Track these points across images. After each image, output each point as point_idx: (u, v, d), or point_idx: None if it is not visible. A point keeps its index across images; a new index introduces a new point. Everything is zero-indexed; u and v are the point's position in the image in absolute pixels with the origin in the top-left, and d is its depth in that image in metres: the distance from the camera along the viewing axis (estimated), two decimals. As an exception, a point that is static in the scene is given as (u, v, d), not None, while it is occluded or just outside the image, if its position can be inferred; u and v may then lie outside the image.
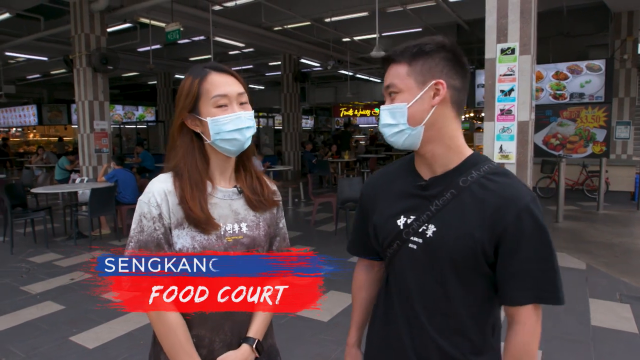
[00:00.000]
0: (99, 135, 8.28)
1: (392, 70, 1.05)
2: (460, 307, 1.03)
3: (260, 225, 1.21)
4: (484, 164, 1.04)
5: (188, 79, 1.14)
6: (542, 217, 0.98)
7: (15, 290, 4.43)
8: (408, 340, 1.08)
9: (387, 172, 1.21)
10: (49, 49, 12.15)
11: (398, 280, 1.11)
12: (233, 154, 1.16)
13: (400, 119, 1.03)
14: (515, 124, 4.16)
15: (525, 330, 0.98)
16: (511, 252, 0.97)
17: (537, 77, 9.74)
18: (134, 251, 1.10)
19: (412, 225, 1.05)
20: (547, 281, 0.98)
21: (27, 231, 6.72)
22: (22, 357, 3.08)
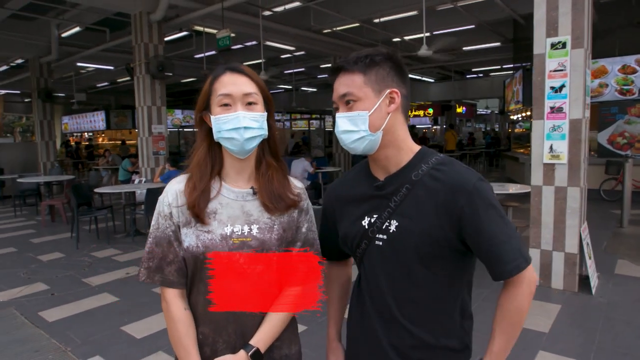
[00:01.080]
0: (156, 138, 8.76)
1: (346, 79, 1.09)
2: (427, 294, 1.09)
3: (275, 228, 1.18)
4: (431, 157, 1.11)
5: (208, 78, 1.18)
6: (490, 194, 1.05)
7: (78, 281, 4.80)
8: (382, 333, 1.13)
9: (345, 181, 1.27)
10: (114, 59, 13.02)
11: (368, 276, 1.17)
12: (237, 153, 1.16)
13: (361, 125, 1.07)
14: (566, 122, 3.93)
15: (518, 293, 1.06)
16: (475, 234, 1.03)
17: (601, 71, 9.12)
18: (152, 246, 1.17)
19: (376, 223, 1.12)
20: (518, 251, 1.04)
21: (92, 228, 7.24)
22: (78, 344, 3.33)
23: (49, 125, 12.86)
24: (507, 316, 1.07)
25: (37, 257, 5.79)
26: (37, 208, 9.25)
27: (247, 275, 1.14)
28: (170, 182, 1.22)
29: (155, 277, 1.15)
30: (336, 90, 1.11)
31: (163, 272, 1.15)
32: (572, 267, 4.02)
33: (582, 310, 3.69)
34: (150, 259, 1.16)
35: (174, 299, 1.16)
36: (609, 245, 5.55)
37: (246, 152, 1.16)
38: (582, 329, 3.34)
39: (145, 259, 1.16)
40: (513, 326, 1.08)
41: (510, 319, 1.07)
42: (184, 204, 1.16)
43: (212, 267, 1.13)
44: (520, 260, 1.03)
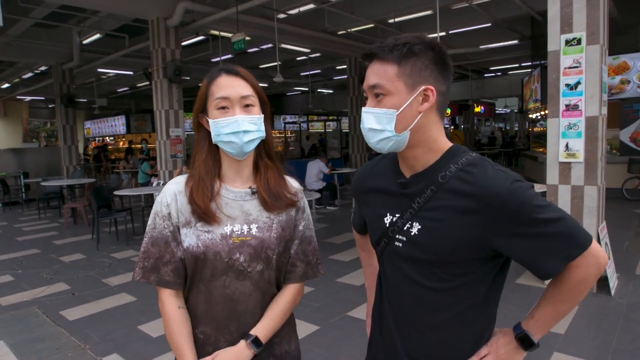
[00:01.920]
0: (174, 141, 8.90)
1: (378, 68, 0.99)
2: (446, 302, 1.02)
3: (274, 227, 1.19)
4: (461, 157, 1.01)
5: (204, 81, 1.18)
6: (528, 193, 0.93)
7: (98, 282, 4.92)
8: (398, 339, 1.09)
9: (372, 169, 1.20)
10: (133, 64, 13.29)
11: (386, 275, 1.13)
12: (236, 156, 1.17)
13: (387, 125, 0.98)
14: (582, 119, 3.87)
15: (578, 272, 0.95)
16: (517, 238, 0.93)
17: (623, 67, 8.91)
18: (148, 245, 1.17)
19: (397, 223, 1.06)
20: (567, 242, 0.93)
21: (112, 230, 7.40)
22: (96, 342, 3.42)
23: (71, 130, 13.20)
24: (561, 290, 0.97)
25: (59, 258, 5.96)
26: (60, 211, 9.51)
27: (247, 274, 1.16)
28: (168, 183, 1.23)
29: (151, 277, 1.15)
30: (367, 78, 1.01)
31: (159, 272, 1.15)
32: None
33: (600, 311, 3.61)
34: (146, 258, 1.16)
35: (168, 297, 1.16)
36: (630, 245, 5.41)
37: (244, 154, 1.17)
38: (599, 330, 3.27)
39: (141, 259, 1.17)
40: (564, 302, 0.99)
41: (562, 294, 0.98)
42: (184, 204, 1.16)
43: (213, 267, 1.15)
44: (578, 248, 0.92)
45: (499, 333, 1.07)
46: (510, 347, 1.03)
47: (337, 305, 3.92)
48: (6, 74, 16.00)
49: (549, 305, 1.00)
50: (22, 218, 9.53)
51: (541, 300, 1.03)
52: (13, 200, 11.17)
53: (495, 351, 1.04)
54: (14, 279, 5.13)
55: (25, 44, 11.25)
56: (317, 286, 4.30)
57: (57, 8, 8.95)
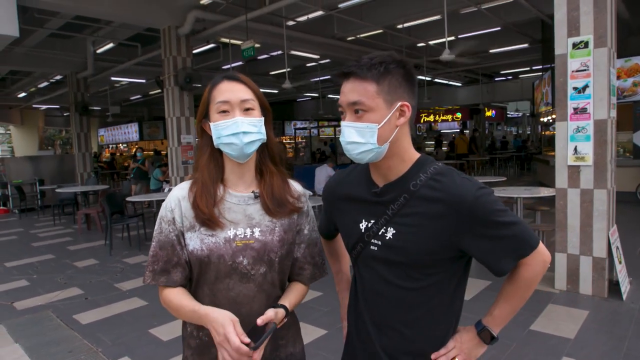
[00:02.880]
0: (185, 148, 9.02)
1: (358, 85, 1.04)
2: (420, 300, 1.11)
3: (276, 230, 1.22)
4: (429, 166, 1.10)
5: (207, 88, 1.22)
6: (491, 199, 1.04)
7: (110, 286, 5.00)
8: (375, 337, 1.15)
9: (344, 179, 1.27)
10: (146, 72, 13.52)
11: (362, 278, 1.19)
12: (236, 158, 1.20)
13: (370, 138, 1.04)
14: (591, 123, 3.85)
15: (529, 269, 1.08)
16: (479, 239, 1.04)
17: (635, 70, 8.81)
18: (156, 249, 1.20)
19: (372, 228, 1.13)
20: (520, 243, 1.05)
21: (124, 235, 7.51)
22: (108, 345, 3.48)
23: (85, 137, 13.44)
24: (514, 287, 1.10)
25: (73, 264, 6.07)
26: (74, 217, 9.68)
27: (251, 277, 1.19)
28: (173, 188, 1.26)
29: (161, 279, 1.18)
30: (345, 95, 1.06)
31: (169, 274, 1.19)
32: (600, 271, 3.91)
33: (611, 316, 3.57)
34: (155, 262, 1.20)
35: (171, 289, 1.19)
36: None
37: (246, 156, 1.19)
38: (609, 336, 3.24)
39: (150, 263, 1.20)
40: (518, 298, 1.12)
41: (517, 291, 1.11)
42: (188, 209, 1.20)
43: (217, 270, 1.17)
44: (527, 249, 1.05)
45: (462, 330, 1.18)
46: (473, 342, 1.15)
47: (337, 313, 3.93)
48: (23, 83, 16.41)
49: (504, 302, 1.13)
50: (38, 224, 9.72)
51: (498, 298, 1.15)
52: (29, 207, 11.40)
53: (460, 345, 1.14)
54: (30, 283, 5.23)
55: (41, 54, 11.53)
56: (325, 290, 4.32)
57: (72, 19, 9.19)
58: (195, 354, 1.24)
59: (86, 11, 7.94)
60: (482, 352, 1.17)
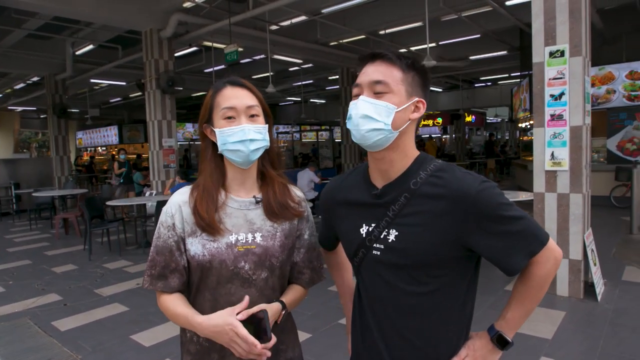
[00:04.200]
0: (166, 151, 8.94)
1: (385, 68, 1.05)
2: (428, 304, 1.06)
3: (277, 235, 1.22)
4: (429, 163, 1.08)
5: (209, 92, 1.22)
6: (496, 193, 1.01)
7: (90, 292, 4.91)
8: (383, 345, 1.11)
9: (342, 183, 1.23)
10: (126, 75, 13.35)
11: (367, 286, 1.15)
12: (241, 164, 1.19)
13: (385, 118, 1.02)
14: (567, 129, 3.97)
15: (540, 268, 1.04)
16: (487, 235, 1.00)
17: (608, 78, 9.10)
18: (154, 254, 1.21)
19: (373, 232, 1.09)
20: (529, 238, 1.01)
21: (104, 240, 7.39)
22: (89, 352, 3.42)
23: (63, 140, 13.18)
24: (527, 288, 1.06)
25: (51, 269, 5.94)
26: (52, 221, 9.46)
27: (252, 282, 1.19)
28: (173, 194, 1.26)
29: (158, 284, 1.18)
30: (368, 75, 1.05)
31: (166, 279, 1.18)
32: (576, 273, 4.02)
33: (586, 316, 3.68)
34: (153, 267, 1.20)
35: (168, 296, 1.20)
36: (618, 252, 5.51)
37: (250, 162, 1.20)
38: (585, 336, 3.34)
39: (148, 267, 1.21)
40: (531, 299, 1.07)
41: (529, 291, 1.06)
42: (188, 214, 1.19)
43: (219, 274, 1.17)
44: (538, 244, 1.02)
45: (474, 336, 1.12)
46: (487, 349, 1.10)
47: (329, 314, 3.95)
48: (-2, 84, 16.00)
49: (517, 304, 1.08)
50: (13, 229, 9.48)
51: (510, 301, 1.10)
52: (4, 212, 11.11)
53: (473, 353, 1.09)
54: (5, 290, 5.10)
55: (18, 55, 11.29)
56: (310, 294, 4.29)
57: (51, 19, 9.02)
58: (195, 359, 1.24)
59: (66, 12, 7.81)
60: (496, 358, 1.11)
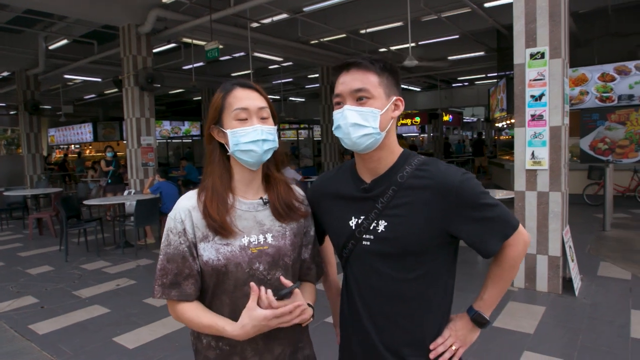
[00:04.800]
0: (145, 149, 8.76)
1: (361, 75, 1.12)
2: (417, 289, 1.15)
3: (287, 235, 1.23)
4: (413, 158, 1.17)
5: (218, 94, 1.22)
6: (476, 183, 1.12)
7: (68, 294, 4.78)
8: (374, 331, 1.17)
9: (329, 178, 1.31)
10: (102, 71, 13.01)
11: (357, 277, 1.20)
12: (251, 165, 1.20)
13: (372, 122, 1.10)
14: (547, 129, 4.07)
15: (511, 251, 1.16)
16: (468, 222, 1.11)
17: (581, 79, 9.38)
18: (164, 263, 1.17)
19: (363, 224, 1.16)
20: (504, 224, 1.13)
21: (81, 240, 7.20)
22: (70, 355, 3.33)
23: (35, 137, 12.76)
24: (500, 269, 1.18)
25: (25, 271, 5.75)
26: (24, 221, 9.16)
27: (267, 282, 1.18)
28: (180, 198, 1.24)
29: (172, 292, 1.16)
30: (347, 84, 1.12)
31: (180, 286, 1.16)
32: (555, 269, 4.14)
33: (566, 311, 3.79)
34: (164, 275, 1.17)
35: (185, 304, 1.18)
36: (592, 248, 5.69)
37: (260, 163, 1.21)
38: (565, 330, 3.44)
39: (159, 276, 1.17)
40: (504, 279, 1.19)
41: (503, 272, 1.18)
42: (199, 219, 1.18)
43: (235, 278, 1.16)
44: (510, 229, 1.13)
45: (455, 318, 1.23)
46: (467, 329, 1.20)
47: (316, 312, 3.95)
48: (-35, 79, 15.38)
49: (492, 285, 1.20)
50: (-17, 230, 9.14)
51: (486, 282, 1.22)
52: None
53: (455, 333, 1.19)
54: (-22, 293, 4.92)
55: (-13, 49, 10.87)
56: (295, 293, 4.32)
57: (23, 12, 8.72)
58: None
59: (38, 5, 7.56)
60: (475, 337, 1.22)
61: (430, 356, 1.16)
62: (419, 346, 1.16)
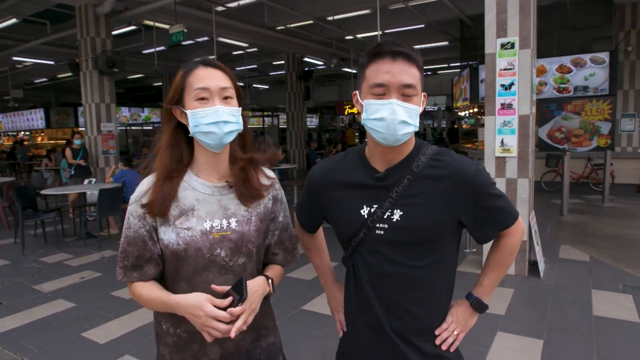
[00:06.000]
0: (106, 137, 8.40)
1: (408, 68, 1.07)
2: (429, 277, 1.16)
3: (252, 220, 1.21)
4: (426, 148, 1.18)
5: (179, 72, 1.17)
6: (487, 174, 1.16)
7: (28, 289, 4.53)
8: (385, 319, 1.17)
9: (336, 166, 1.25)
10: (55, 53, 12.31)
11: (367, 265, 1.18)
12: (213, 147, 1.15)
13: (415, 120, 1.09)
14: (516, 117, 4.19)
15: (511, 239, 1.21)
16: (477, 210, 1.14)
17: (541, 71, 9.71)
18: (125, 245, 1.16)
19: (376, 213, 1.15)
20: (508, 213, 1.18)
21: (38, 232, 6.84)
22: (36, 353, 3.17)
23: (-18, 124, 11.97)
24: (500, 256, 1.23)
25: (-22, 265, 5.41)
26: (-27, 213, 8.60)
27: (230, 268, 1.16)
28: (141, 182, 1.20)
29: (133, 274, 1.15)
30: (395, 75, 1.05)
31: (142, 269, 1.15)
32: (522, 253, 4.30)
33: (532, 292, 3.96)
34: (125, 258, 1.16)
35: (139, 283, 1.17)
36: (552, 232, 5.96)
37: (222, 146, 1.16)
38: (534, 310, 3.59)
39: (120, 259, 1.16)
40: (503, 265, 1.24)
41: (502, 259, 1.23)
42: None
43: (195, 263, 1.14)
44: (509, 219, 1.18)
45: (455, 304, 1.25)
46: (467, 314, 1.24)
47: (291, 300, 3.95)
48: None
49: (492, 272, 1.25)
50: None
51: (485, 269, 1.26)
52: None
53: (456, 318, 1.22)
54: None
55: None
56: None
57: (-34, -12, 8.09)
58: (174, 351, 1.21)
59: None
60: (474, 322, 1.26)
61: (436, 341, 1.19)
62: (428, 332, 1.18)
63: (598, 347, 2.98)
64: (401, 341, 1.16)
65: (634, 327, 3.26)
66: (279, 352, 1.33)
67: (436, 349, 1.18)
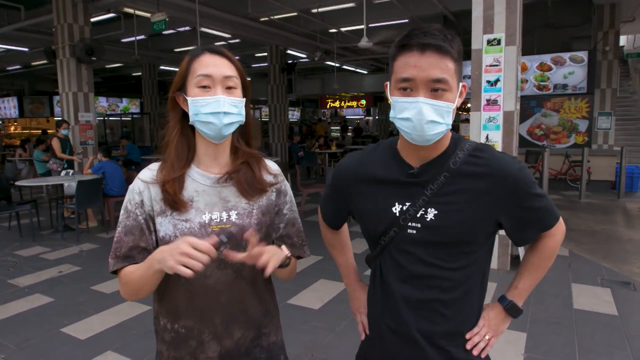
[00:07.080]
0: (84, 127, 8.18)
1: (439, 61, 0.97)
2: (462, 279, 1.09)
3: (253, 213, 1.16)
4: (464, 143, 1.09)
5: (185, 58, 1.13)
6: (528, 171, 1.08)
7: (3, 283, 4.39)
8: (413, 321, 1.11)
9: (366, 160, 1.18)
10: (29, 40, 11.88)
11: (397, 265, 1.13)
12: (212, 138, 1.12)
13: (447, 118, 1.00)
14: (501, 113, 4.23)
15: (552, 240, 1.14)
16: (518, 210, 1.07)
17: (522, 68, 9.85)
18: (120, 235, 1.11)
19: (409, 211, 1.08)
20: (549, 214, 1.11)
21: (12, 225, 6.63)
22: (13, 350, 3.07)
23: (-49, 111, 11.50)
24: (539, 258, 1.15)
25: (-51, 259, 5.21)
26: (-58, 204, 8.27)
27: (228, 262, 1.12)
28: (142, 170, 1.17)
29: (124, 263, 1.10)
30: (424, 70, 0.96)
31: (134, 259, 1.10)
32: (505, 248, 4.37)
33: (515, 286, 4.03)
34: (118, 248, 1.11)
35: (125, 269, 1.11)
36: (532, 227, 6.08)
37: (222, 137, 1.12)
38: (517, 304, 3.65)
39: (114, 249, 1.12)
40: (542, 268, 1.17)
41: (541, 261, 1.16)
42: (157, 192, 1.12)
43: None
44: (553, 220, 1.11)
45: (487, 307, 1.19)
46: (500, 318, 1.17)
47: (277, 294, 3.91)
48: None
49: (529, 274, 1.17)
50: None
51: (521, 271, 1.19)
52: None
53: (488, 323, 1.15)
54: None
55: None
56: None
57: None
58: (171, 348, 1.17)
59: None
60: (506, 326, 1.19)
61: (467, 346, 1.12)
62: (458, 336, 1.12)
63: (579, 340, 3.05)
64: (429, 345, 1.11)
65: (612, 320, 3.35)
66: (281, 352, 1.29)
67: (466, 354, 1.12)
